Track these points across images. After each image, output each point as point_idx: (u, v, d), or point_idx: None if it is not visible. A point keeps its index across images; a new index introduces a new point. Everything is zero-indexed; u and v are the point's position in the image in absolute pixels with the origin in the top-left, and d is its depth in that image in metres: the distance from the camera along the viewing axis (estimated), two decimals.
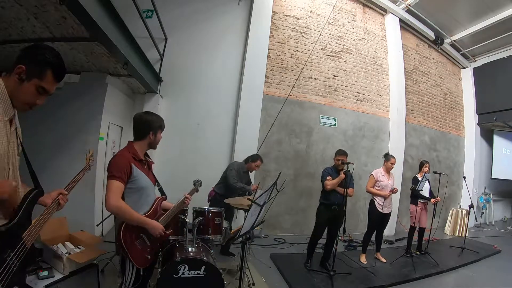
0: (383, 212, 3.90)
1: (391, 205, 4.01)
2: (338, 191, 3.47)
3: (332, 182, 3.46)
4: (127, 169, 1.66)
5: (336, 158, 3.55)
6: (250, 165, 3.89)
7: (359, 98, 6.14)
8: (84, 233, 2.62)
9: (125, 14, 2.91)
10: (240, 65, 5.30)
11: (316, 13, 5.97)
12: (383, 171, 3.99)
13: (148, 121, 1.82)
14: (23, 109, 1.10)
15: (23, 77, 1.03)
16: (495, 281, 3.70)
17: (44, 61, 1.06)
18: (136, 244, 1.67)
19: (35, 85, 1.06)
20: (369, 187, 3.96)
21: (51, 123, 3.70)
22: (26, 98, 1.07)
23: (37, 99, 1.09)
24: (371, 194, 3.98)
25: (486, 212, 7.72)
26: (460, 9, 6.36)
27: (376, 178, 3.94)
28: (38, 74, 1.05)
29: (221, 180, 3.85)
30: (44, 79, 1.07)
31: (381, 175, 3.95)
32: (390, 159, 3.98)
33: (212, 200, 3.72)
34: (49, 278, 1.96)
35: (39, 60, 1.05)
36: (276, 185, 2.22)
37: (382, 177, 3.94)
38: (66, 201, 1.27)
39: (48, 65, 1.07)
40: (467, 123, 7.79)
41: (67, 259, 2.08)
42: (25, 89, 1.04)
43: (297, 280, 3.25)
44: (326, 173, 3.58)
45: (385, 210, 3.92)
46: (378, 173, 3.98)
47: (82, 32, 2.65)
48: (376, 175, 3.97)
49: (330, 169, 3.64)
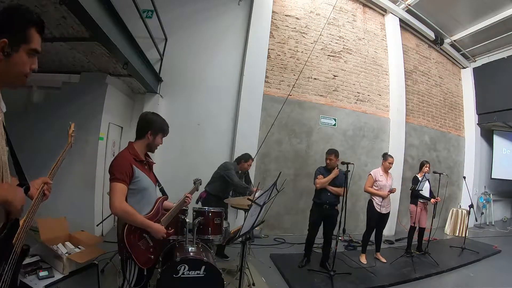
0: (381, 212, 3.91)
1: (389, 205, 4.01)
2: (330, 190, 3.52)
3: (321, 181, 3.52)
4: (128, 170, 1.66)
5: (328, 158, 3.60)
6: (242, 165, 3.81)
7: (359, 98, 6.13)
8: (84, 233, 2.62)
9: (125, 14, 2.91)
10: (240, 65, 5.30)
11: (316, 13, 5.97)
12: (382, 171, 4.00)
13: (149, 120, 1.81)
14: (20, 82, 0.97)
15: (8, 50, 0.89)
16: (495, 281, 3.69)
17: (24, 22, 0.93)
18: (139, 244, 1.68)
19: (25, 51, 0.93)
20: (367, 187, 3.97)
21: (51, 123, 3.70)
22: (20, 69, 0.94)
23: (31, 64, 0.96)
24: (370, 194, 3.98)
25: (486, 212, 7.72)
26: (460, 9, 6.36)
27: (374, 178, 3.95)
28: (24, 39, 0.92)
29: (214, 180, 3.71)
30: (32, 41, 0.94)
31: (379, 175, 3.96)
32: (388, 158, 3.99)
33: (203, 201, 3.59)
34: (49, 278, 1.96)
35: (20, 24, 0.92)
36: (276, 185, 2.22)
37: (380, 177, 3.95)
38: (50, 191, 1.15)
39: (29, 23, 0.94)
40: (467, 123, 7.79)
41: (67, 259, 2.08)
42: (16, 61, 0.92)
43: (297, 280, 3.25)
44: (318, 172, 3.64)
45: (384, 210, 3.92)
46: (376, 173, 3.99)
47: (82, 32, 2.65)
48: (374, 175, 3.98)
49: (322, 168, 3.68)
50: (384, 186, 3.92)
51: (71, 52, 3.25)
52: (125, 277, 1.71)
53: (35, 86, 4.20)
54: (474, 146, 7.52)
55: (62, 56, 3.46)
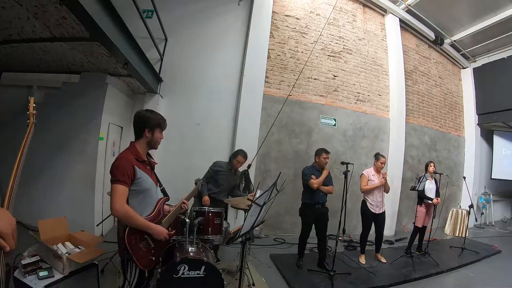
0: (375, 212, 3.91)
1: (383, 205, 4.01)
2: (322, 190, 3.50)
3: (318, 181, 3.49)
4: (130, 172, 1.64)
5: (323, 157, 3.57)
6: (232, 163, 3.56)
7: (359, 98, 6.13)
8: (84, 233, 2.61)
9: (125, 14, 2.91)
10: (240, 65, 5.30)
11: (316, 13, 5.97)
12: (374, 171, 4.03)
13: (144, 117, 1.78)
14: None
15: None
16: (495, 281, 3.69)
17: None
18: (140, 246, 1.67)
19: None
20: (363, 186, 3.97)
21: (51, 123, 3.70)
22: None
23: None
24: (367, 191, 3.96)
25: (486, 212, 7.72)
26: (460, 9, 6.36)
27: (367, 178, 3.98)
28: None
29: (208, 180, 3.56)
30: None
31: (371, 175, 4.00)
32: (380, 158, 4.02)
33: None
34: (49, 278, 1.96)
35: None
36: (276, 185, 2.22)
37: (372, 177, 3.98)
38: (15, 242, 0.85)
39: None
40: (467, 123, 7.79)
41: (67, 259, 2.08)
42: None
43: (297, 280, 3.25)
44: (310, 172, 3.57)
45: (378, 210, 3.93)
46: (368, 172, 4.03)
47: (82, 32, 2.65)
48: (367, 174, 4.02)
49: (311, 168, 3.64)
50: (376, 187, 3.93)
51: (71, 52, 3.25)
52: (125, 278, 1.71)
53: (35, 86, 4.21)
54: (474, 146, 7.52)
55: (62, 56, 3.46)
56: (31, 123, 1.27)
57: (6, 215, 0.77)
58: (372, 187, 3.91)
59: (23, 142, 1.11)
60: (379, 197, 3.94)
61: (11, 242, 0.73)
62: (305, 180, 3.56)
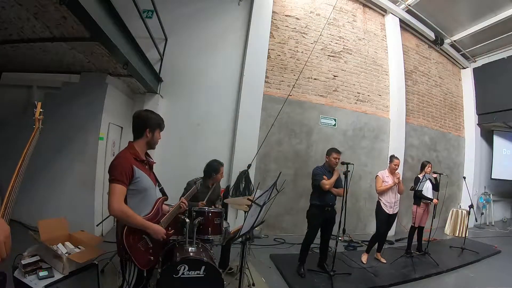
0: (389, 213, 3.92)
1: (397, 206, 4.02)
2: (332, 191, 3.34)
3: (330, 181, 3.30)
4: (128, 171, 1.65)
5: (333, 157, 3.39)
6: (215, 177, 3.17)
7: (359, 98, 6.13)
8: (84, 233, 2.60)
9: (125, 14, 2.92)
10: (240, 65, 5.29)
11: (316, 13, 5.97)
12: (388, 173, 4.04)
13: (144, 118, 1.80)
14: None
15: None
16: (495, 282, 3.69)
17: None
18: (139, 246, 1.67)
19: None
20: (378, 187, 3.97)
21: (51, 123, 3.67)
22: None
23: None
24: (382, 192, 3.95)
25: (486, 212, 7.72)
26: (460, 9, 6.36)
27: (382, 179, 3.99)
28: None
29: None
30: None
31: (385, 176, 4.01)
32: (394, 160, 4.03)
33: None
34: (49, 278, 1.95)
35: None
36: (276, 185, 2.22)
37: (387, 178, 3.99)
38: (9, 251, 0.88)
39: None
40: (467, 123, 7.79)
41: (67, 259, 2.08)
42: None
43: (297, 280, 3.25)
44: (321, 173, 3.38)
45: (391, 211, 3.94)
46: (383, 174, 4.05)
47: (82, 32, 2.65)
48: (381, 175, 4.03)
49: (322, 168, 3.47)
50: (391, 188, 3.94)
51: (71, 52, 3.25)
52: (124, 278, 1.71)
53: (35, 86, 4.21)
54: (474, 147, 7.52)
55: (62, 56, 3.46)
56: (37, 128, 1.22)
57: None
58: (386, 188, 3.91)
59: (26, 148, 1.08)
60: (393, 198, 3.94)
61: (2, 251, 0.72)
62: (316, 180, 3.35)
